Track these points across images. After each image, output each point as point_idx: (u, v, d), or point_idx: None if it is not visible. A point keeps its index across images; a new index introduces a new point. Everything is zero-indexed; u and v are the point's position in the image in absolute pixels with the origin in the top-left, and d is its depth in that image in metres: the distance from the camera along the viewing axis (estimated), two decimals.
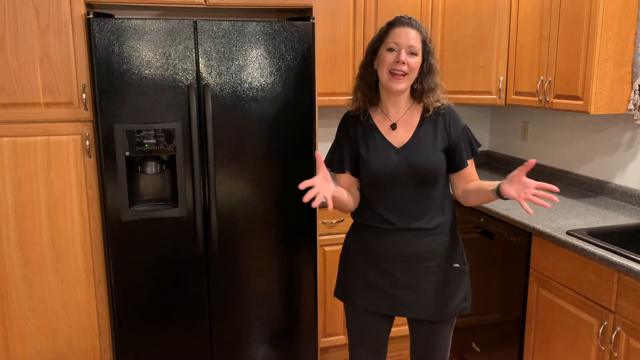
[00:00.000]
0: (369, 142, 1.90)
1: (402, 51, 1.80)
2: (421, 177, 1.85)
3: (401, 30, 1.82)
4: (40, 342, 2.54)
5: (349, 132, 1.94)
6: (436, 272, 1.89)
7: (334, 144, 1.99)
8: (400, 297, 1.90)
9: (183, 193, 2.46)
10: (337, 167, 1.96)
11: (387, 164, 1.86)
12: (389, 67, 1.80)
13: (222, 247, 2.56)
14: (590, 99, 2.38)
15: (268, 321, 2.70)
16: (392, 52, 1.81)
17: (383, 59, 1.83)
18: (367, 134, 1.91)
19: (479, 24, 2.95)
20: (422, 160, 1.85)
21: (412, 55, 1.82)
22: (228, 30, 2.40)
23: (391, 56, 1.81)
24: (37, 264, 2.47)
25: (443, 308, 1.90)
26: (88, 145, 2.42)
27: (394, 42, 1.81)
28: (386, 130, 1.90)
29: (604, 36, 2.34)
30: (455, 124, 1.91)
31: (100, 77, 2.30)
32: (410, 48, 1.80)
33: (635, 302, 1.88)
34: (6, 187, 2.38)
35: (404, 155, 1.86)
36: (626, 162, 2.65)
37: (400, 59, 1.79)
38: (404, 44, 1.80)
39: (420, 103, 1.92)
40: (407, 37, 1.80)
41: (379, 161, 1.87)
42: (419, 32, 1.83)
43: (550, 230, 2.24)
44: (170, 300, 2.55)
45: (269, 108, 2.50)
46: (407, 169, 1.85)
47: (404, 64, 1.79)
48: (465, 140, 1.91)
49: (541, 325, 2.33)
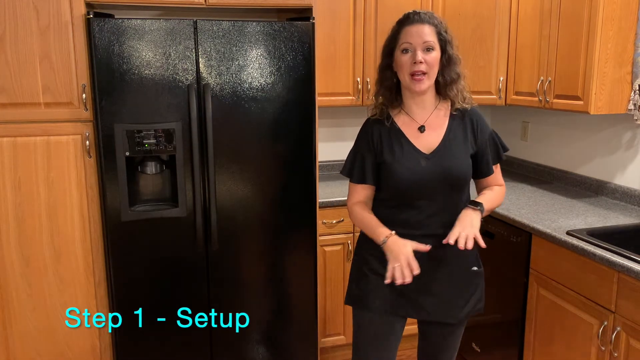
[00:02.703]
0: (395, 149, 1.81)
1: (417, 50, 1.74)
2: (452, 183, 1.80)
3: (412, 28, 1.75)
4: (40, 342, 2.54)
5: (372, 139, 1.85)
6: (457, 276, 1.87)
7: (353, 152, 1.90)
8: (421, 301, 1.86)
9: (183, 193, 2.46)
10: (358, 178, 1.88)
11: (416, 172, 1.78)
12: (409, 69, 1.75)
13: (222, 247, 2.56)
14: (590, 99, 2.38)
15: (268, 321, 2.70)
16: (407, 52, 1.75)
17: (400, 62, 1.77)
18: (392, 140, 1.83)
19: (479, 24, 2.94)
20: (455, 166, 1.80)
21: (429, 51, 1.75)
22: (228, 30, 2.40)
23: (407, 57, 1.75)
24: (37, 264, 2.47)
25: (460, 310, 1.89)
26: (88, 145, 2.42)
27: (407, 42, 1.75)
28: (413, 134, 1.83)
29: (604, 36, 2.34)
30: (482, 129, 1.86)
31: (100, 77, 2.30)
32: (425, 44, 1.74)
33: (635, 302, 1.88)
34: (6, 187, 2.38)
35: (436, 162, 1.79)
36: (626, 162, 2.65)
37: (417, 59, 1.73)
38: (417, 43, 1.74)
39: (446, 99, 1.85)
40: (419, 34, 1.74)
41: (407, 169, 1.79)
42: (431, 25, 1.76)
43: (550, 230, 2.24)
44: (170, 300, 2.55)
45: (269, 108, 2.50)
46: (439, 175, 1.79)
47: (422, 63, 1.73)
48: (492, 146, 1.88)
49: (541, 325, 2.33)
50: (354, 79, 2.95)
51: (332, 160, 3.39)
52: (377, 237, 1.80)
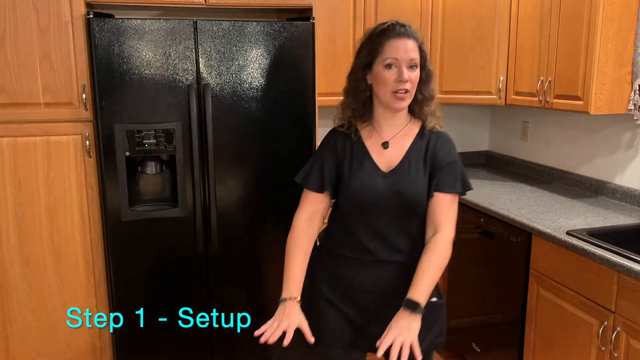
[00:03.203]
0: (354, 162, 1.72)
1: (402, 68, 1.61)
2: (407, 206, 1.69)
3: (399, 42, 1.62)
4: (40, 342, 2.54)
5: (335, 149, 1.75)
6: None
7: (313, 160, 1.80)
8: (375, 334, 1.65)
9: (183, 193, 2.46)
10: (315, 186, 1.76)
11: (372, 189, 1.68)
12: (392, 87, 1.63)
13: (222, 247, 2.55)
14: (590, 99, 2.38)
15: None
16: (391, 68, 1.62)
17: (383, 78, 1.63)
18: (354, 152, 1.73)
19: (479, 24, 2.94)
20: (410, 189, 1.68)
21: (413, 68, 1.64)
22: (228, 30, 2.40)
23: (391, 74, 1.62)
24: (37, 264, 2.47)
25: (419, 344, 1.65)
26: (88, 145, 2.42)
27: (392, 58, 1.61)
28: (376, 150, 1.73)
29: (604, 36, 2.33)
30: (441, 155, 1.71)
31: (100, 77, 2.30)
32: (410, 61, 1.63)
33: (635, 302, 1.88)
34: (6, 187, 2.38)
35: (392, 181, 1.69)
36: (626, 162, 2.65)
37: (404, 78, 1.61)
38: (404, 59, 1.61)
39: (417, 118, 1.75)
40: (406, 50, 1.61)
41: (364, 185, 1.69)
42: (415, 40, 1.65)
43: (550, 230, 2.24)
44: (170, 300, 2.55)
45: (269, 108, 2.50)
46: (394, 196, 1.68)
47: (407, 82, 1.62)
48: (447, 174, 1.70)
49: (541, 325, 2.33)
50: None
51: None
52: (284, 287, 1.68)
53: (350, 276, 1.75)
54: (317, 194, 1.77)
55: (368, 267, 1.73)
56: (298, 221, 1.78)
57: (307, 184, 1.78)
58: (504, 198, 2.75)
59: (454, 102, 3.09)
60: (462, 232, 2.85)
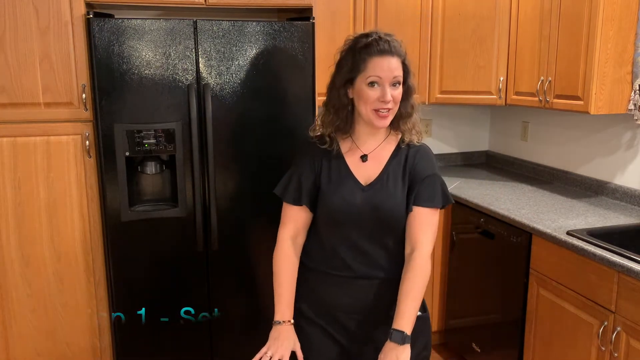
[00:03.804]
0: (333, 175, 1.67)
1: (386, 86, 1.57)
2: (385, 220, 1.64)
3: (382, 60, 1.56)
4: (40, 342, 2.54)
5: (312, 161, 1.70)
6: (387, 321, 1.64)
7: (290, 172, 1.74)
8: (358, 353, 1.69)
9: (183, 193, 2.46)
10: (292, 199, 1.71)
11: (351, 203, 1.64)
12: (374, 105, 1.58)
13: (222, 247, 2.55)
14: (590, 99, 2.38)
15: (268, 321, 2.69)
16: (374, 87, 1.57)
17: (366, 96, 1.58)
18: (332, 165, 1.68)
19: (479, 24, 2.94)
20: (388, 203, 1.64)
21: (396, 86, 1.59)
22: (228, 30, 2.40)
23: (374, 93, 1.57)
24: (37, 264, 2.47)
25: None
26: (88, 145, 2.42)
27: (376, 76, 1.56)
28: (355, 163, 1.68)
29: (604, 36, 2.33)
30: (420, 168, 1.67)
31: (100, 77, 2.30)
32: (394, 79, 1.58)
33: (635, 302, 1.88)
34: (6, 187, 2.38)
35: (370, 195, 1.65)
36: (626, 162, 2.65)
37: (387, 98, 1.56)
38: (387, 77, 1.57)
39: (397, 132, 1.71)
40: (390, 68, 1.56)
41: (342, 199, 1.64)
42: (399, 57, 1.59)
43: (551, 230, 2.24)
44: (170, 300, 2.55)
45: (269, 108, 2.50)
46: (372, 210, 1.64)
47: (390, 101, 1.58)
48: (427, 186, 1.65)
49: (541, 325, 2.33)
50: None
51: None
52: (277, 310, 1.67)
53: (331, 295, 1.71)
54: (295, 207, 1.71)
55: (348, 284, 1.68)
56: (283, 239, 1.73)
57: (285, 196, 1.72)
58: (504, 198, 2.75)
59: (454, 102, 3.09)
60: (462, 232, 2.85)
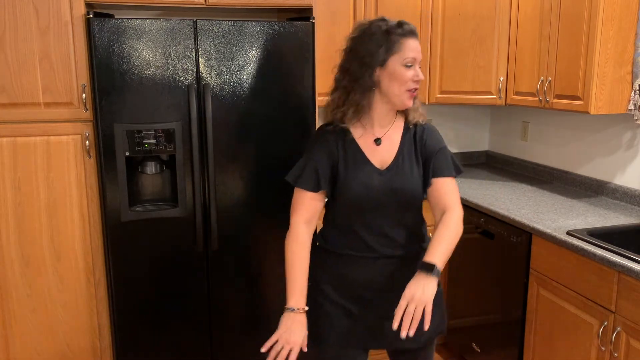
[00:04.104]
0: (349, 160, 1.70)
1: (417, 67, 1.65)
2: (404, 201, 1.70)
3: (413, 42, 1.64)
4: (40, 342, 2.54)
5: (328, 148, 1.72)
6: None
7: (305, 159, 1.74)
8: (382, 328, 1.73)
9: (183, 193, 2.46)
10: (311, 185, 1.71)
11: (370, 187, 1.68)
12: (407, 85, 1.64)
13: (222, 246, 2.56)
14: (590, 99, 2.38)
15: (268, 320, 2.70)
16: (409, 67, 1.63)
17: (402, 76, 1.63)
18: (347, 150, 1.71)
19: (479, 24, 2.95)
20: (406, 186, 1.69)
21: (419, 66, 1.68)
22: (228, 30, 2.40)
23: (410, 73, 1.63)
24: (37, 264, 2.47)
25: (422, 334, 1.73)
26: (88, 145, 2.42)
27: (411, 58, 1.63)
28: (369, 147, 1.72)
29: (604, 36, 2.34)
30: (430, 143, 1.74)
31: (100, 77, 2.30)
32: (420, 61, 1.68)
33: (635, 302, 1.88)
34: (6, 187, 2.38)
35: (389, 178, 1.69)
36: (626, 162, 2.65)
37: (420, 77, 1.65)
38: (418, 59, 1.65)
39: (402, 114, 1.77)
40: (418, 49, 1.65)
41: (361, 183, 1.68)
42: None
43: (551, 230, 2.24)
44: (170, 300, 2.55)
45: (269, 108, 2.50)
46: (391, 193, 1.69)
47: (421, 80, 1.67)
48: (441, 158, 1.73)
49: (541, 325, 2.33)
50: None
51: None
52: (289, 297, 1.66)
53: (354, 274, 1.74)
54: (312, 193, 1.73)
55: (371, 264, 1.73)
56: (296, 225, 1.74)
57: (302, 183, 1.73)
58: (504, 198, 2.75)
59: (454, 102, 3.09)
60: (462, 232, 2.85)
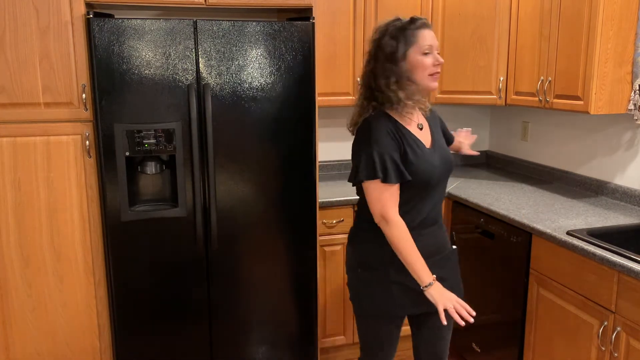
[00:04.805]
0: (413, 146, 1.87)
1: (435, 53, 1.86)
2: (451, 170, 1.99)
3: (428, 32, 1.86)
4: (40, 342, 2.54)
5: (395, 138, 1.84)
6: (449, 257, 1.99)
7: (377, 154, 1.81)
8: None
9: (183, 193, 2.46)
10: (397, 178, 1.82)
11: (435, 165, 1.89)
12: (430, 70, 1.85)
13: (222, 247, 2.56)
14: (590, 99, 2.38)
15: (268, 321, 2.70)
16: (428, 55, 1.85)
17: (423, 64, 1.84)
18: (405, 137, 1.87)
19: (479, 24, 2.94)
20: (450, 156, 1.99)
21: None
22: (228, 30, 2.40)
23: (429, 59, 1.85)
24: (37, 264, 2.47)
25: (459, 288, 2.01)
26: (88, 145, 2.42)
27: (428, 45, 1.84)
28: (416, 132, 1.92)
29: (604, 36, 2.33)
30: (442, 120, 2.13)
31: (100, 77, 2.30)
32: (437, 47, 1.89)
33: (635, 302, 1.88)
34: (6, 187, 2.38)
35: (439, 155, 1.93)
36: (626, 162, 2.65)
37: (440, 60, 1.86)
38: (435, 45, 1.87)
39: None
40: (433, 38, 1.87)
41: (429, 164, 1.88)
42: None
43: (551, 230, 2.24)
44: (170, 300, 2.55)
45: (269, 108, 2.50)
46: (446, 166, 1.94)
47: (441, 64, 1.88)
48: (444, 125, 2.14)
49: (541, 325, 2.33)
50: (353, 79, 2.95)
51: (332, 160, 3.39)
52: (421, 277, 1.82)
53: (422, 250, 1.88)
54: (395, 185, 1.85)
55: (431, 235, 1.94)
56: (395, 216, 1.85)
57: (389, 178, 1.82)
58: (504, 198, 2.75)
59: (454, 102, 3.09)
60: (462, 232, 2.85)
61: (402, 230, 1.83)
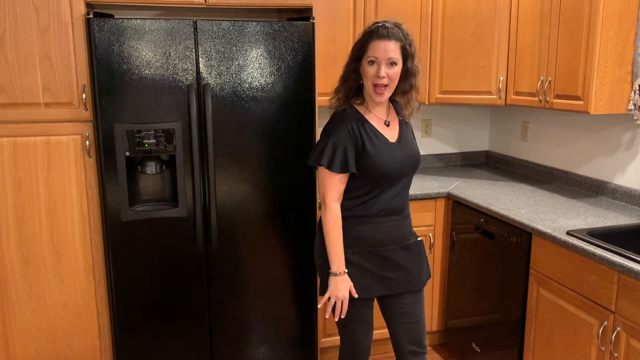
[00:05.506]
0: (373, 139, 1.97)
1: (381, 65, 1.90)
2: (415, 167, 2.06)
3: (379, 44, 1.89)
4: (40, 342, 2.54)
5: (351, 130, 1.97)
6: (411, 248, 2.10)
7: (331, 143, 1.97)
8: (392, 277, 2.06)
9: (183, 193, 2.46)
10: (341, 168, 1.96)
11: (395, 159, 1.98)
12: (372, 80, 1.93)
13: (222, 247, 2.56)
14: (590, 99, 2.38)
15: (268, 321, 2.70)
16: (372, 65, 1.92)
17: (366, 72, 1.94)
18: (367, 131, 1.98)
19: (479, 24, 2.94)
20: (416, 152, 2.07)
21: (392, 65, 1.92)
22: (228, 30, 2.40)
23: (372, 70, 1.92)
24: (37, 264, 2.47)
25: (421, 276, 2.13)
26: (88, 145, 2.42)
27: (373, 56, 1.90)
28: (381, 127, 2.02)
29: (604, 36, 2.34)
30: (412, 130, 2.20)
31: (100, 77, 2.30)
32: (389, 60, 1.90)
33: (635, 302, 1.88)
34: (6, 187, 2.38)
35: (402, 149, 2.02)
36: (626, 162, 2.65)
37: (380, 74, 1.90)
38: (382, 58, 1.89)
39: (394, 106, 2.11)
40: (385, 50, 1.89)
41: (388, 157, 1.97)
42: (397, 40, 1.90)
43: (550, 230, 2.24)
44: (170, 300, 2.55)
45: (269, 108, 2.50)
46: (408, 159, 2.02)
47: (384, 78, 1.91)
48: None
49: (541, 325, 2.33)
50: None
51: None
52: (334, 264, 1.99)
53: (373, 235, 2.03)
54: (341, 175, 1.97)
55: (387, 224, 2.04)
56: (331, 202, 2.00)
57: (334, 166, 1.95)
58: (504, 198, 2.75)
59: (454, 102, 3.09)
60: (462, 232, 2.85)
61: (335, 217, 1.99)
